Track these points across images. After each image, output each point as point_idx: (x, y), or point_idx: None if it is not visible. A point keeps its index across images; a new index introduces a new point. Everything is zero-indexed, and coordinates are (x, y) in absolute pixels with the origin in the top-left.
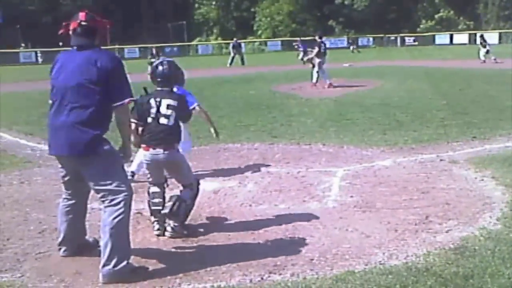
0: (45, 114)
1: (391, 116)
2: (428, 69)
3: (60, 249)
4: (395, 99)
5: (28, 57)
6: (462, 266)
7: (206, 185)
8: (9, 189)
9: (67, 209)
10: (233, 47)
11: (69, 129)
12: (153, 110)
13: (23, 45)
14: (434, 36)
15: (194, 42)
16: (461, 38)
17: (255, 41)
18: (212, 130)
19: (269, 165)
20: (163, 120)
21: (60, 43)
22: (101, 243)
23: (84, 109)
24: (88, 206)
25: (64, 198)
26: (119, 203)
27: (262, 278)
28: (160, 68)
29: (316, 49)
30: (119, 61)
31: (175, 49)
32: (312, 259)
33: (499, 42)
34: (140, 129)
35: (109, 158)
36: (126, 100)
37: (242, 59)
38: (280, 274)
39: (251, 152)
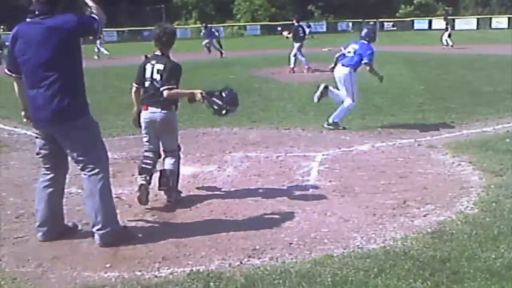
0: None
1: (370, 101)
2: (407, 54)
3: (38, 232)
4: (374, 84)
5: None
6: (440, 249)
7: (185, 170)
8: None
9: (46, 183)
10: (207, 32)
11: (47, 101)
12: (148, 74)
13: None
14: (413, 21)
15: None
16: (440, 23)
17: (234, 25)
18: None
19: (248, 150)
20: (157, 83)
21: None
22: (88, 211)
23: (59, 80)
24: (66, 190)
25: (43, 174)
26: (100, 171)
27: (241, 262)
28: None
29: (292, 34)
30: (78, 21)
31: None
32: (291, 243)
33: (477, 28)
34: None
35: (89, 127)
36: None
37: (220, 44)
38: (259, 258)
39: (230, 136)
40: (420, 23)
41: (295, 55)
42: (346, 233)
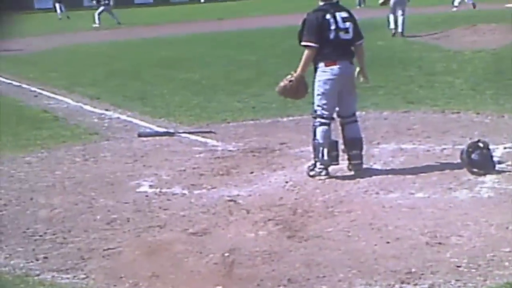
0: (114, 73)
1: None
2: None
3: None
4: None
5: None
6: None
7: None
8: (71, 168)
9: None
10: None
11: None
12: (333, 26)
13: None
14: None
15: None
16: None
17: None
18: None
19: (402, 141)
20: (346, 33)
21: None
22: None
23: None
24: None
25: None
26: None
27: None
28: None
29: None
30: None
31: None
32: (459, 266)
33: None
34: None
35: None
36: None
37: None
38: (416, 285)
39: (379, 122)
40: None
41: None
42: None
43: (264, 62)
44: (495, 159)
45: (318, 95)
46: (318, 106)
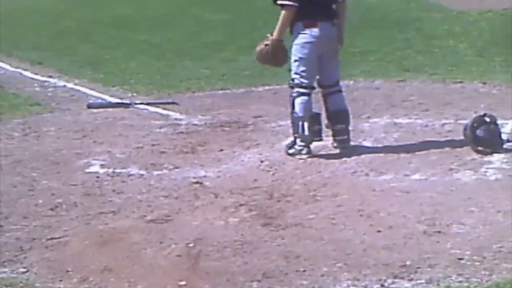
0: (60, 33)
1: None
2: None
3: None
4: None
5: None
6: None
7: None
8: (8, 144)
9: None
10: None
11: None
12: None
13: None
14: None
15: None
16: None
17: None
18: None
19: (397, 114)
20: None
21: None
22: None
23: None
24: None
25: None
26: None
27: (382, 285)
28: None
29: None
30: None
31: None
32: (461, 259)
33: None
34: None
35: None
36: None
37: None
38: (411, 280)
39: (369, 93)
40: None
41: None
42: None
43: (236, 22)
44: (503, 135)
45: (296, 61)
46: (296, 73)
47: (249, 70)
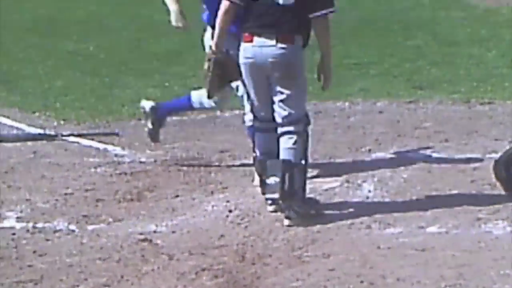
0: None
1: None
2: None
3: None
4: None
5: None
6: None
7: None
8: None
9: None
10: None
11: None
12: None
13: None
14: None
15: None
16: None
17: None
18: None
19: (406, 145)
20: None
21: None
22: None
23: None
24: None
25: None
26: None
27: None
28: None
29: None
30: None
31: None
32: None
33: None
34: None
35: None
36: None
37: None
38: None
39: (370, 118)
40: None
41: None
42: None
43: (196, 27)
44: None
45: (244, 85)
46: (249, 101)
47: None
